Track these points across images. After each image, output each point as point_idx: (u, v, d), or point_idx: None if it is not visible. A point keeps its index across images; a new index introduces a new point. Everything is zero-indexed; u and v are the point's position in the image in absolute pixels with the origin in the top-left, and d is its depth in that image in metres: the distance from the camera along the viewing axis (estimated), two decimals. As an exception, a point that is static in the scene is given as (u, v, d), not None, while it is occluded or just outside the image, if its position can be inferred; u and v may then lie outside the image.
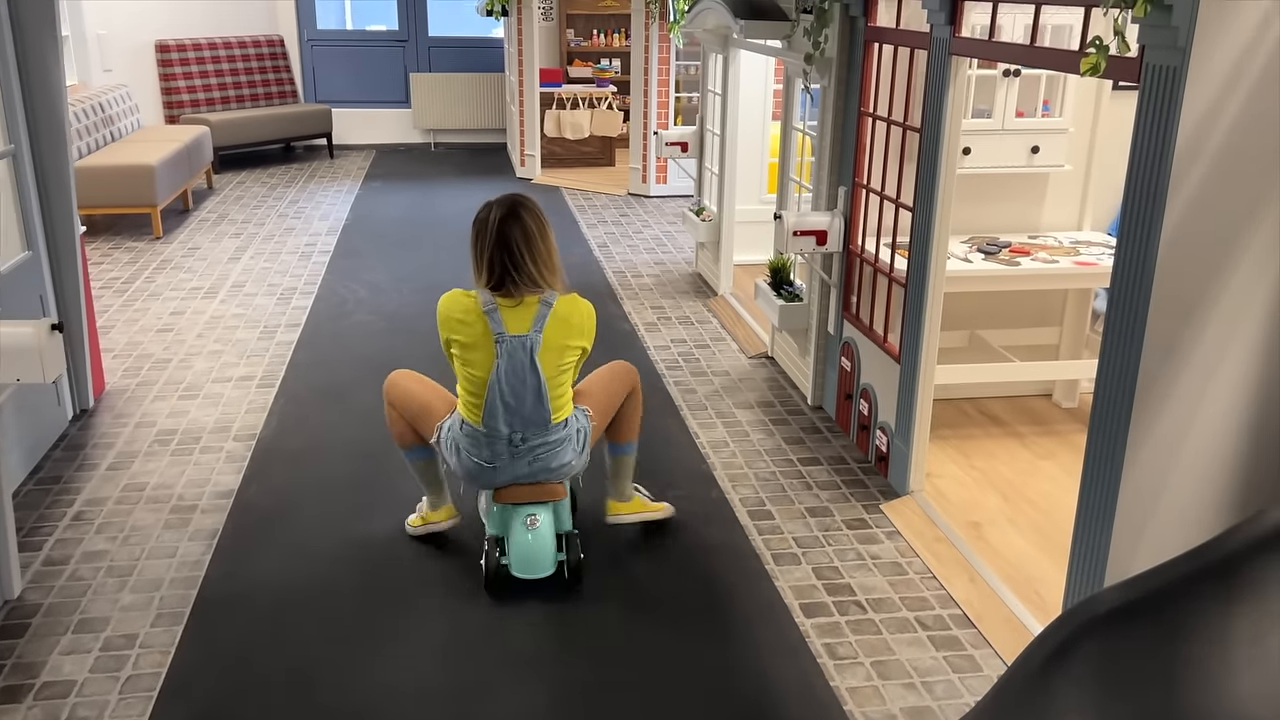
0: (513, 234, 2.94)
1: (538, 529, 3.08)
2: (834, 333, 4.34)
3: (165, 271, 6.49)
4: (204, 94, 9.89)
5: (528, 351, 2.95)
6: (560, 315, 3.00)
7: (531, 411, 3.00)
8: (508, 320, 2.95)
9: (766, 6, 4.74)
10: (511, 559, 3.10)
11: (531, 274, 2.96)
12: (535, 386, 2.97)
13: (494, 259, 2.95)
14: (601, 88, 9.96)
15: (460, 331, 2.99)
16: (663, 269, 6.76)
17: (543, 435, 3.03)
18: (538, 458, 3.04)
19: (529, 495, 3.09)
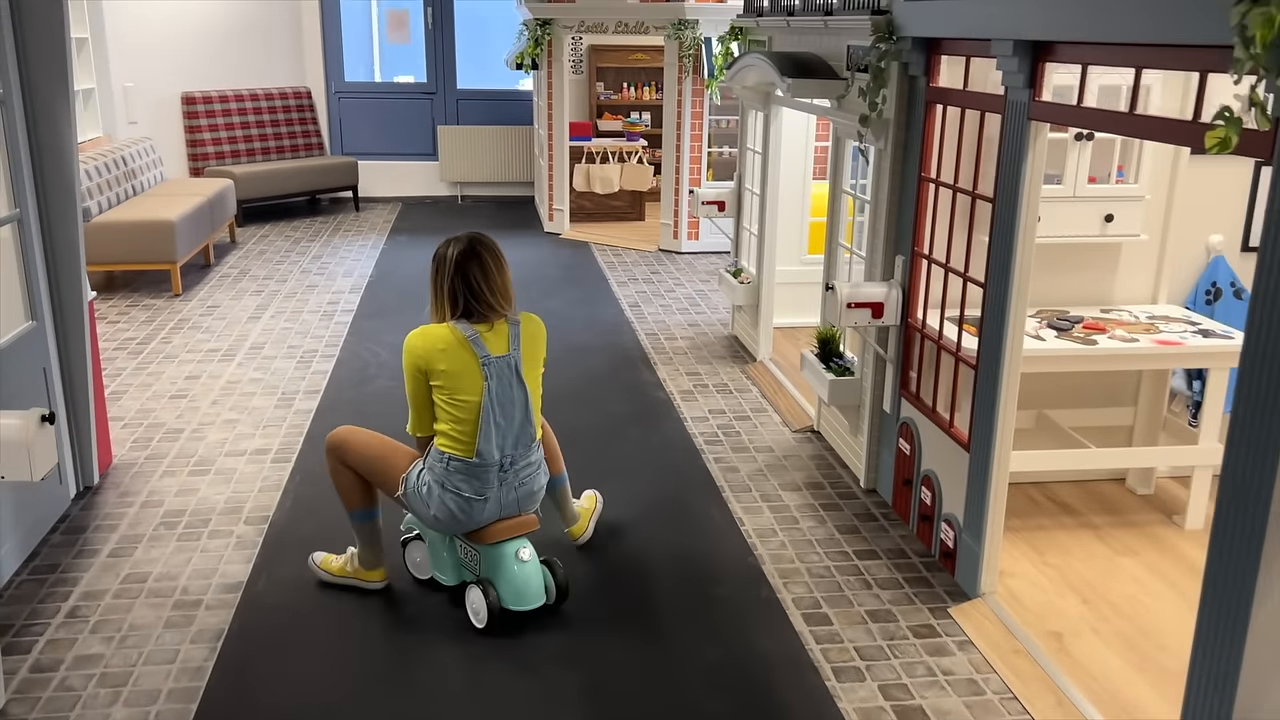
0: (472, 270, 3.11)
1: (527, 561, 3.19)
2: (890, 411, 4.03)
3: (182, 331, 6.26)
4: (229, 146, 9.77)
5: (513, 369, 3.14)
6: (529, 332, 3.24)
7: (520, 429, 3.16)
8: (489, 344, 3.12)
9: (814, 64, 4.50)
10: (504, 594, 3.16)
11: (490, 303, 3.13)
12: (524, 402, 3.16)
13: (454, 291, 3.11)
14: (632, 141, 9.77)
15: (444, 361, 3.07)
16: (697, 331, 6.48)
17: (527, 455, 3.20)
18: (523, 481, 3.20)
19: (512, 530, 3.20)
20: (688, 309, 6.99)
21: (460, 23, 10.89)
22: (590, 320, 6.66)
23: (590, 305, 7.02)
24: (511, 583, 3.16)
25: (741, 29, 5.91)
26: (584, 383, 5.49)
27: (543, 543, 3.54)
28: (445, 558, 3.35)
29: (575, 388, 5.39)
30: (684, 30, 8.08)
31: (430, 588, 3.45)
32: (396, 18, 11.08)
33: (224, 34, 9.87)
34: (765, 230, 5.62)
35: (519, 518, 3.22)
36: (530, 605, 3.18)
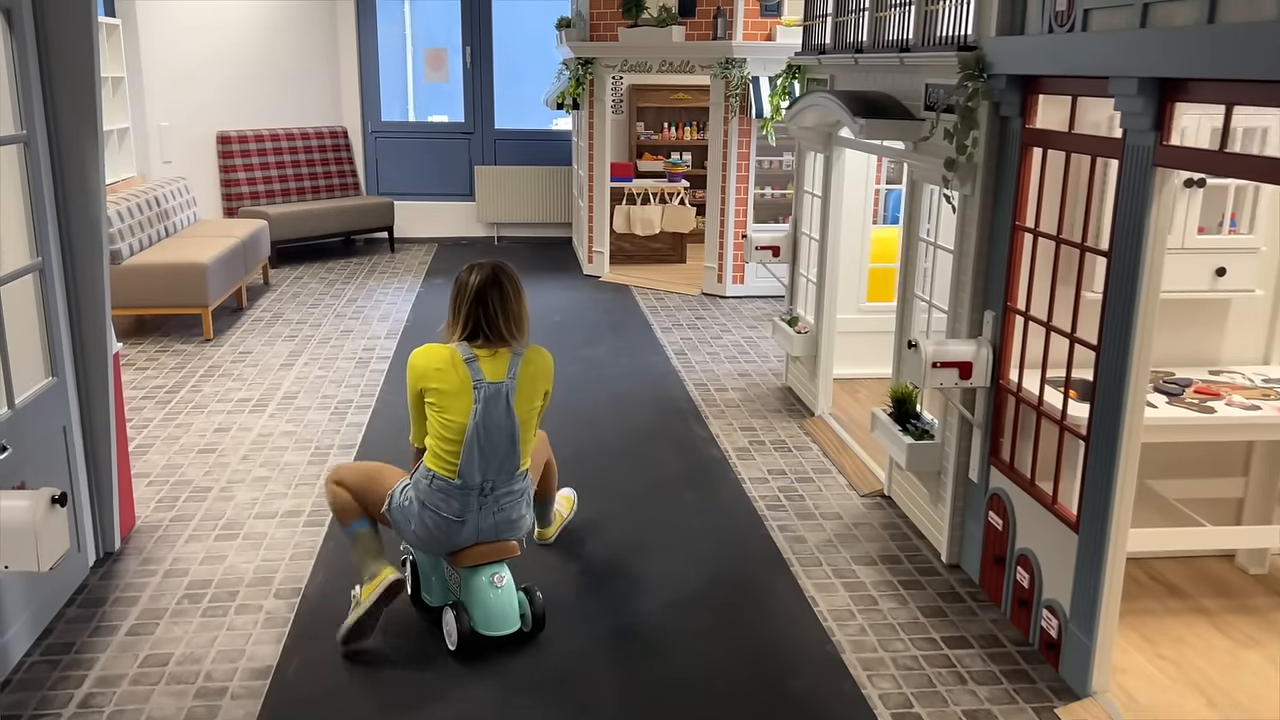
0: (490, 296, 3.18)
1: (502, 587, 3.20)
2: (978, 481, 3.68)
3: (213, 379, 6.02)
4: (264, 186, 9.62)
5: (504, 396, 3.15)
6: (531, 365, 3.23)
7: (505, 457, 3.18)
8: (485, 369, 3.15)
9: (886, 104, 4.21)
10: (477, 619, 3.18)
11: (501, 331, 3.18)
12: (510, 431, 3.16)
13: (470, 314, 3.18)
14: (674, 182, 9.52)
15: (438, 380, 3.14)
16: (748, 381, 6.16)
17: (509, 484, 3.21)
18: (502, 508, 3.22)
19: (490, 555, 3.22)
20: (737, 357, 6.67)
21: (497, 62, 10.73)
22: (635, 369, 6.35)
23: (635, 353, 6.72)
24: (485, 607, 3.18)
25: (799, 67, 5.64)
26: (632, 438, 5.17)
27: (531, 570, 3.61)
28: (434, 580, 3.42)
29: (623, 443, 5.08)
30: (731, 69, 7.84)
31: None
32: (435, 56, 10.95)
33: (259, 73, 9.75)
34: (825, 277, 5.31)
35: (497, 543, 3.25)
36: (501, 631, 3.19)
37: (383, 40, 10.88)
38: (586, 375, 6.19)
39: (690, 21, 8.13)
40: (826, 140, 5.14)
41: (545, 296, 8.16)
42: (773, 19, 7.86)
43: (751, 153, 8.11)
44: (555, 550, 3.96)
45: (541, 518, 3.93)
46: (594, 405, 5.64)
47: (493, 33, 10.62)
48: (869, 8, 4.52)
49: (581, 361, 6.51)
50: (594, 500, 4.37)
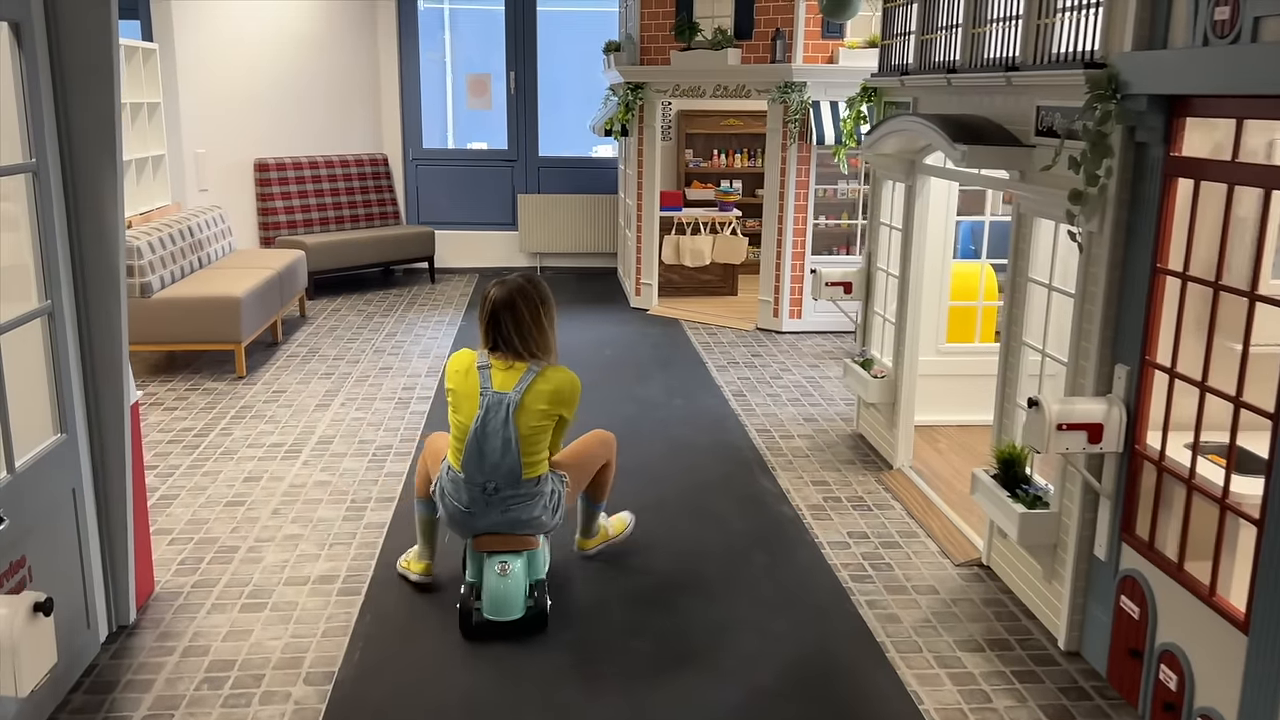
0: (503, 315, 3.36)
1: (508, 575, 3.36)
2: (1106, 559, 3.20)
3: (244, 421, 5.66)
4: (301, 214, 9.33)
5: (504, 408, 3.32)
6: (544, 382, 3.36)
7: (501, 462, 3.33)
8: (495, 379, 3.36)
9: (985, 129, 3.78)
10: (484, 602, 3.37)
11: (516, 348, 3.36)
12: (507, 439, 3.32)
13: (486, 330, 3.42)
14: (725, 211, 9.11)
15: (455, 382, 3.43)
16: (815, 427, 5.70)
17: (514, 488, 3.36)
18: (509, 508, 3.37)
19: (502, 544, 3.40)
20: (800, 399, 6.22)
21: (541, 87, 10.41)
22: (692, 412, 5.92)
23: (690, 394, 6.29)
24: (490, 592, 3.37)
25: (874, 90, 5.22)
26: (693, 490, 4.74)
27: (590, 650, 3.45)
28: (469, 558, 3.56)
29: (685, 496, 4.64)
30: (790, 93, 7.44)
31: None
32: (478, 82, 10.66)
33: (298, 99, 9.49)
34: (906, 317, 4.86)
35: (508, 535, 3.41)
36: (503, 617, 3.36)
37: (425, 67, 10.62)
38: (641, 419, 5.77)
39: (747, 44, 7.75)
40: (908, 168, 4.71)
41: (592, 330, 7.76)
42: (835, 41, 7.46)
43: (811, 181, 7.69)
44: (617, 622, 3.52)
45: (586, 524, 3.92)
46: (650, 453, 5.21)
47: (537, 56, 10.31)
48: (963, 23, 4.09)
49: (634, 402, 6.09)
50: (655, 561, 3.94)
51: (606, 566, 3.96)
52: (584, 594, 3.76)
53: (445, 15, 11.63)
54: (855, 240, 8.02)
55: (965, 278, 5.59)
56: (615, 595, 3.75)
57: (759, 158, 10.20)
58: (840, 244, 9.01)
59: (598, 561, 3.99)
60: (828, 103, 7.48)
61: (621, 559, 4.03)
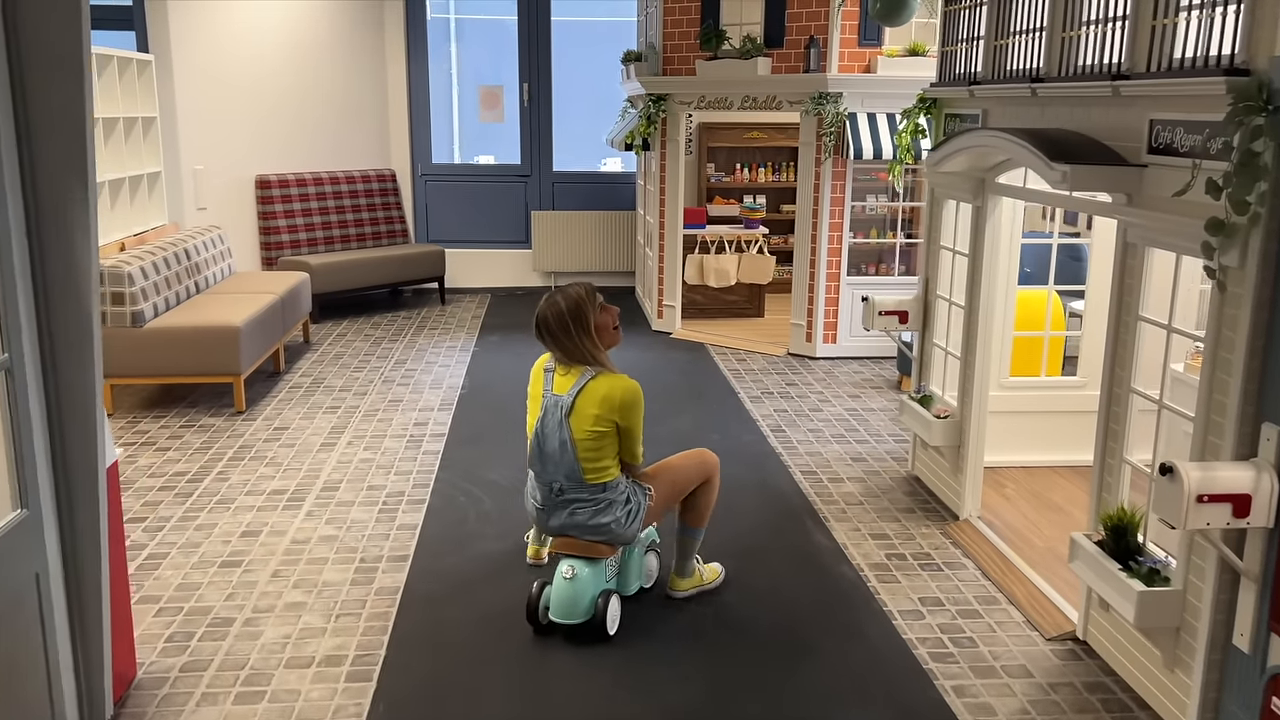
0: (544, 325, 3.48)
1: (573, 579, 3.41)
2: (1250, 651, 2.72)
3: (243, 463, 5.20)
4: (305, 234, 8.88)
5: (559, 410, 3.41)
6: (595, 388, 3.41)
7: (560, 462, 3.42)
8: (556, 382, 3.47)
9: (1080, 145, 3.31)
10: (550, 601, 3.44)
11: (562, 360, 3.48)
12: (563, 440, 3.40)
13: (539, 338, 3.51)
14: (751, 229, 8.66)
15: (531, 382, 3.58)
16: (865, 468, 5.23)
17: (579, 491, 3.43)
18: (575, 512, 3.44)
19: (572, 548, 3.47)
20: (844, 435, 5.75)
21: (555, 99, 9.98)
22: (729, 450, 5.44)
23: (724, 429, 5.82)
24: (557, 593, 3.45)
25: (934, 101, 4.76)
26: (737, 545, 4.26)
27: None
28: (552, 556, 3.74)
29: (730, 554, 4.16)
30: (825, 105, 6.98)
31: None
32: (490, 95, 10.22)
33: (302, 113, 9.05)
34: (974, 351, 4.39)
35: (572, 540, 3.48)
36: (565, 620, 3.42)
37: (434, 78, 10.19)
38: (674, 460, 5.30)
39: (778, 52, 7.30)
40: (976, 187, 4.25)
41: (614, 355, 7.27)
42: (872, 49, 7.01)
43: (846, 197, 7.23)
44: None
45: (682, 558, 3.77)
46: (688, 501, 4.73)
47: (551, 67, 9.88)
48: (1051, 26, 3.63)
49: (666, 439, 5.61)
50: (700, 645, 3.47)
51: (646, 648, 3.49)
52: (614, 686, 3.29)
53: (451, 25, 11.22)
54: (892, 259, 7.56)
55: (1029, 305, 5.12)
56: (655, 692, 3.28)
57: (784, 172, 9.76)
58: (870, 261, 8.56)
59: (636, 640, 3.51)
60: (865, 114, 7.03)
61: (663, 641, 3.55)
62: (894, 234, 8.29)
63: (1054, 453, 5.10)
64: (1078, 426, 5.08)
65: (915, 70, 6.88)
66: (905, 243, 7.57)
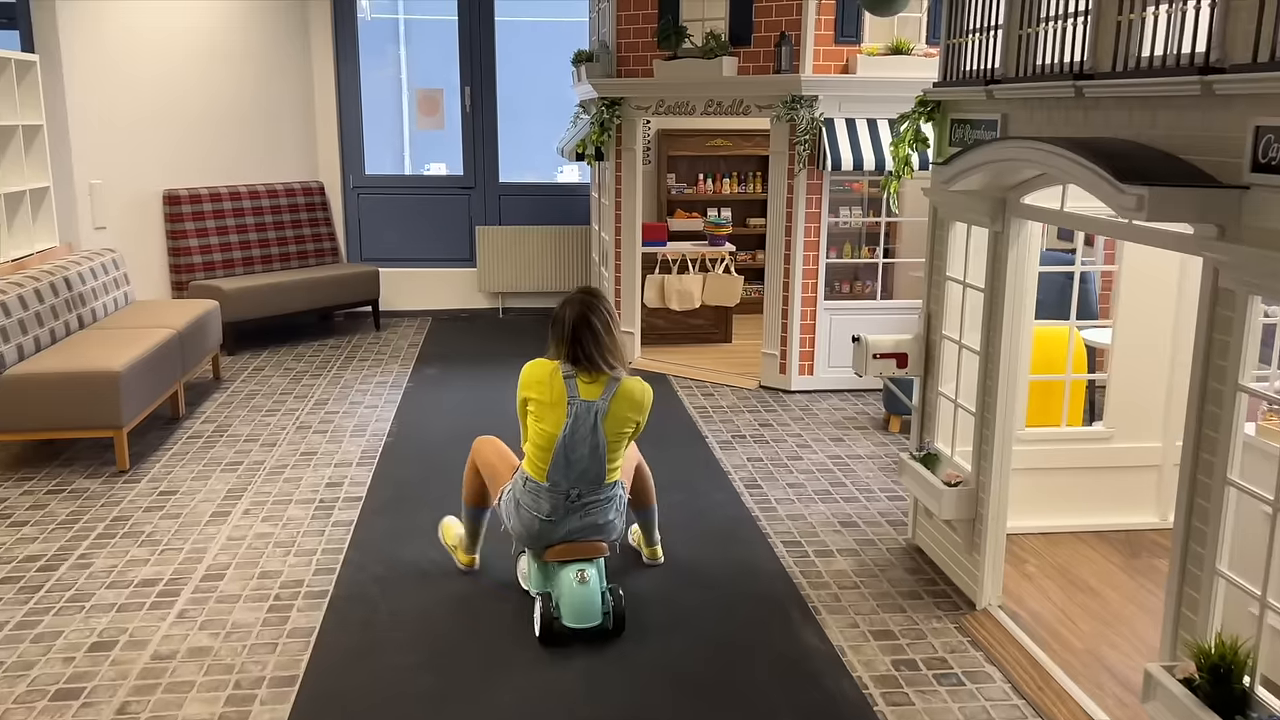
0: (583, 334, 3.46)
1: (588, 583, 3.44)
2: None
3: (113, 542, 4.31)
4: (221, 254, 7.96)
5: (593, 415, 3.43)
6: (625, 391, 3.49)
7: (589, 468, 3.46)
8: (582, 389, 3.45)
9: (1152, 161, 2.55)
10: (563, 611, 3.42)
11: (598, 363, 3.46)
12: (595, 446, 3.44)
13: (570, 351, 3.47)
14: (716, 245, 7.88)
15: (539, 391, 3.48)
16: (857, 536, 4.45)
17: (595, 493, 3.51)
18: (588, 513, 3.51)
19: (578, 552, 3.50)
20: (830, 491, 4.97)
21: (501, 105, 9.14)
22: (697, 515, 4.65)
23: (692, 485, 5.01)
24: (570, 601, 3.42)
25: (938, 104, 3.99)
26: (711, 654, 3.45)
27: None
28: (533, 569, 3.64)
29: (699, 667, 3.35)
30: (799, 109, 6.22)
31: None
32: (428, 99, 9.36)
33: (217, 121, 8.12)
34: (993, 406, 3.62)
35: (584, 543, 3.51)
36: (585, 624, 3.40)
37: (377, 84, 9.33)
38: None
39: (745, 51, 6.53)
40: (994, 208, 3.49)
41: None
42: (850, 46, 6.27)
43: (823, 213, 6.47)
44: None
45: (646, 532, 4.06)
46: (646, 588, 3.93)
47: (496, 70, 9.04)
48: (1096, 8, 2.87)
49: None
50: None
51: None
52: None
53: (401, 26, 10.36)
54: (869, 276, 6.82)
55: (1048, 343, 4.38)
56: None
57: (751, 182, 9.00)
58: (845, 279, 7.84)
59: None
60: (843, 120, 6.28)
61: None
62: (870, 250, 7.58)
63: (1077, 515, 4.36)
64: (1104, 485, 4.35)
65: (899, 70, 6.14)
66: (886, 262, 6.84)
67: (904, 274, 7.49)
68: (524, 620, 3.62)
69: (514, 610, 3.71)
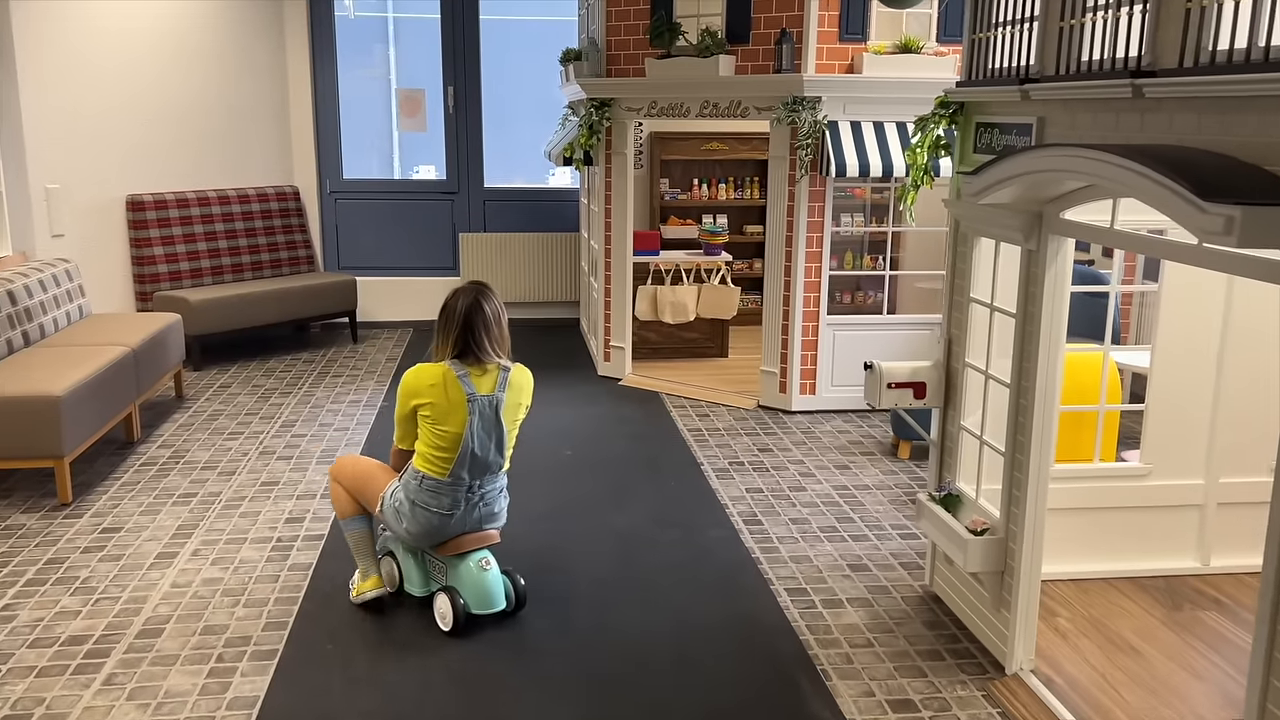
0: (476, 322, 3.46)
1: (490, 570, 3.58)
2: None
3: (43, 590, 3.87)
4: (188, 263, 7.53)
5: (494, 409, 3.48)
6: (515, 380, 3.56)
7: (492, 460, 3.54)
8: (477, 384, 3.45)
9: (1246, 176, 2.15)
10: (470, 600, 3.53)
11: (489, 351, 3.48)
12: (499, 438, 3.53)
13: (459, 338, 3.46)
14: (712, 255, 7.47)
15: (432, 396, 3.43)
16: (869, 582, 4.03)
17: (493, 482, 3.61)
18: (487, 503, 3.60)
19: (476, 542, 3.59)
20: (837, 529, 4.55)
21: (486, 106, 8.72)
22: (693, 558, 4.23)
23: (688, 522, 4.60)
24: (476, 589, 3.54)
25: (959, 106, 3.58)
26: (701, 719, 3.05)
27: None
28: (415, 572, 3.70)
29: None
30: (801, 111, 5.81)
31: None
32: (410, 100, 8.93)
33: (183, 119, 7.69)
34: (1026, 446, 3.21)
35: (481, 533, 3.60)
36: (493, 609, 3.57)
37: (361, 84, 8.92)
38: (622, 573, 4.07)
39: (743, 49, 6.12)
40: (1030, 224, 3.08)
41: (551, 411, 6.05)
42: (856, 44, 5.86)
43: (826, 221, 6.06)
44: None
45: None
46: (640, 641, 3.52)
47: (481, 70, 8.62)
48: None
49: (611, 538, 4.39)
50: None
51: None
52: None
53: (389, 25, 9.94)
54: (873, 288, 6.42)
55: (1079, 369, 3.97)
56: None
57: (748, 188, 8.60)
58: (846, 289, 7.44)
59: None
60: (848, 123, 5.87)
61: None
62: (873, 260, 7.18)
63: (1111, 560, 3.96)
64: (1140, 526, 3.95)
65: (908, 70, 5.75)
66: (892, 274, 6.44)
67: (909, 285, 7.10)
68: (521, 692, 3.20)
69: (514, 689, 3.29)
